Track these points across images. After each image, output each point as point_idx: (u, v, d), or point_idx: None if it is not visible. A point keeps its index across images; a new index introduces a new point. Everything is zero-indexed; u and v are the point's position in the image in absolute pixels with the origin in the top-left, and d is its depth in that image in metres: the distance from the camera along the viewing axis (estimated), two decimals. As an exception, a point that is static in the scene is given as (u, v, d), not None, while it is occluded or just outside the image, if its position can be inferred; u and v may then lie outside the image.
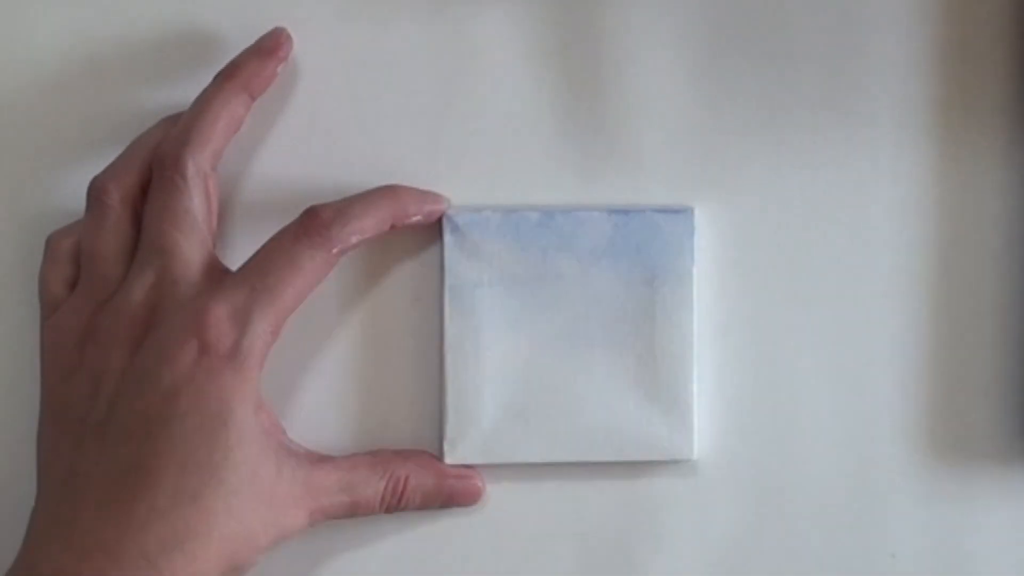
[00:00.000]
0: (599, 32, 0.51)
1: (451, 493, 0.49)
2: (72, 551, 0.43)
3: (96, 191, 0.48)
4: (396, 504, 0.48)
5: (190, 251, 0.46)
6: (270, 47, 0.49)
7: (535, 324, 0.50)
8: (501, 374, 0.49)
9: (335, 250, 0.47)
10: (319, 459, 0.47)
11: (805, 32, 0.51)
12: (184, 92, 0.50)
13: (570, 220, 0.50)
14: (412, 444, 0.50)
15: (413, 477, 0.48)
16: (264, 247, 0.47)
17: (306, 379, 0.50)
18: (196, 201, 0.47)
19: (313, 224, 0.47)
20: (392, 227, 0.48)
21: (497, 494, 0.50)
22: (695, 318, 0.50)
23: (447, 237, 0.50)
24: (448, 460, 0.49)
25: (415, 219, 0.49)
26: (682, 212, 0.50)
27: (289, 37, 0.50)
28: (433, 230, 0.50)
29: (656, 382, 0.50)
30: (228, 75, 0.48)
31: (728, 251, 0.51)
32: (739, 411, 0.51)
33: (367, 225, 0.47)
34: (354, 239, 0.47)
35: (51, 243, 0.48)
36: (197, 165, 0.47)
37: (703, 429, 0.50)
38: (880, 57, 0.51)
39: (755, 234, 0.51)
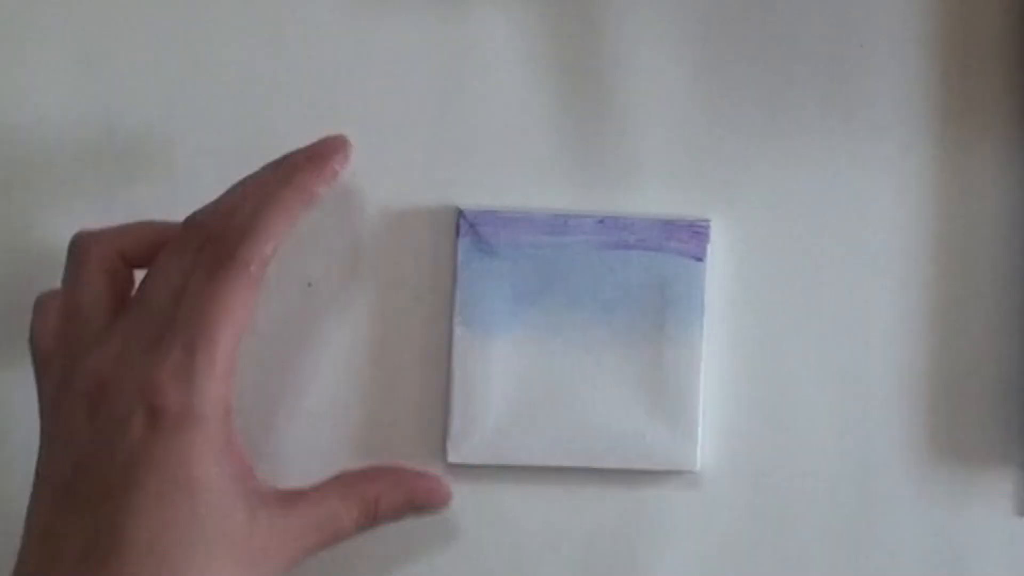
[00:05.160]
0: (606, 37, 0.51)
1: (423, 501, 0.48)
2: None
3: (78, 247, 0.47)
4: (370, 524, 0.47)
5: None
6: (327, 155, 0.47)
7: (544, 328, 0.50)
8: (507, 376, 0.50)
9: (252, 267, 0.44)
10: (289, 499, 0.46)
11: (807, 36, 0.51)
12: (186, 116, 0.50)
13: (584, 225, 0.50)
14: (416, 444, 0.50)
15: (383, 497, 0.47)
16: (181, 291, 0.44)
17: (311, 379, 0.50)
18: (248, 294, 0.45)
19: (219, 249, 0.44)
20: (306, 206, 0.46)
21: (499, 496, 0.50)
22: (704, 328, 0.50)
23: (462, 238, 0.50)
24: (451, 460, 0.49)
25: (324, 190, 0.46)
26: (698, 223, 0.50)
27: (346, 145, 0.47)
28: (444, 230, 0.50)
29: (662, 391, 0.50)
30: (285, 182, 0.46)
31: (736, 262, 0.51)
32: (743, 422, 0.51)
33: (275, 225, 0.45)
34: (268, 248, 0.44)
35: (39, 300, 0.47)
36: (261, 257, 0.45)
37: (707, 440, 0.50)
38: (882, 59, 0.51)
39: (762, 244, 0.51)
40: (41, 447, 0.46)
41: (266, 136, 0.50)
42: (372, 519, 0.47)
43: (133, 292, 0.47)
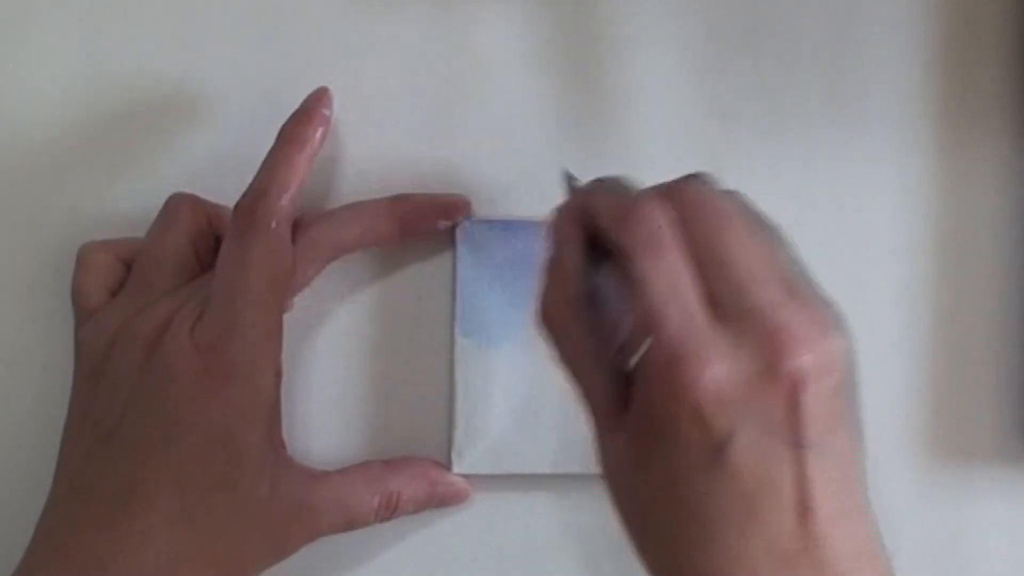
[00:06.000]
0: (606, 39, 0.51)
1: (442, 499, 0.50)
2: (69, 567, 0.44)
3: (172, 204, 0.49)
4: (389, 516, 0.48)
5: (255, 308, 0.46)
6: (310, 104, 0.48)
7: None
8: (510, 385, 0.50)
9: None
10: (314, 477, 0.47)
11: (807, 33, 0.52)
12: (186, 118, 0.50)
13: None
14: (420, 454, 0.50)
15: (406, 490, 0.48)
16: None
17: (314, 388, 0.50)
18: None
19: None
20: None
21: (505, 505, 0.51)
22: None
23: (460, 247, 0.50)
24: (456, 469, 0.50)
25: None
26: None
27: (326, 94, 0.49)
28: (442, 239, 0.50)
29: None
30: (280, 139, 0.48)
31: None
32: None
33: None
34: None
35: (85, 254, 0.49)
36: (279, 213, 0.47)
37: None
38: (882, 57, 0.52)
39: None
40: (79, 392, 0.47)
41: (266, 138, 0.50)
42: (392, 511, 0.48)
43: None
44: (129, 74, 0.50)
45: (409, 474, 0.49)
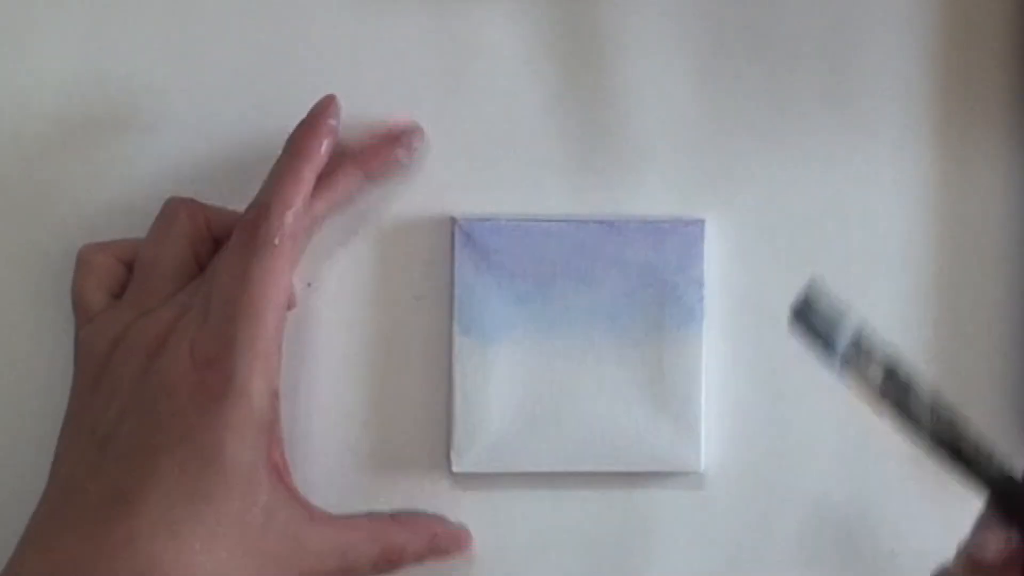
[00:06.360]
0: (605, 39, 0.51)
1: (443, 552, 0.49)
2: (51, 568, 0.44)
3: (169, 208, 0.48)
4: (388, 569, 0.48)
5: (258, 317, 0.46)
6: (317, 115, 0.48)
7: (543, 334, 0.50)
8: (509, 384, 0.50)
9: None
10: (315, 517, 0.46)
11: (805, 34, 0.51)
12: (184, 119, 0.50)
13: (580, 230, 0.50)
14: (420, 454, 0.50)
15: (409, 545, 0.48)
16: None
17: (314, 388, 0.50)
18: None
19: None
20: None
21: (505, 504, 0.51)
22: (704, 329, 0.50)
23: (458, 246, 0.50)
24: (455, 469, 0.50)
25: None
26: (692, 223, 0.50)
27: (333, 101, 0.48)
28: (443, 239, 0.50)
29: (664, 393, 0.50)
30: (286, 152, 0.47)
31: (734, 261, 0.51)
32: (746, 423, 0.51)
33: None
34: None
35: (85, 255, 0.49)
36: (282, 229, 0.46)
37: (710, 441, 0.50)
38: (880, 57, 0.52)
39: (759, 243, 0.51)
40: (77, 395, 0.47)
41: (264, 139, 0.50)
42: (392, 564, 0.48)
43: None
44: (129, 75, 0.50)
45: (413, 529, 0.48)
